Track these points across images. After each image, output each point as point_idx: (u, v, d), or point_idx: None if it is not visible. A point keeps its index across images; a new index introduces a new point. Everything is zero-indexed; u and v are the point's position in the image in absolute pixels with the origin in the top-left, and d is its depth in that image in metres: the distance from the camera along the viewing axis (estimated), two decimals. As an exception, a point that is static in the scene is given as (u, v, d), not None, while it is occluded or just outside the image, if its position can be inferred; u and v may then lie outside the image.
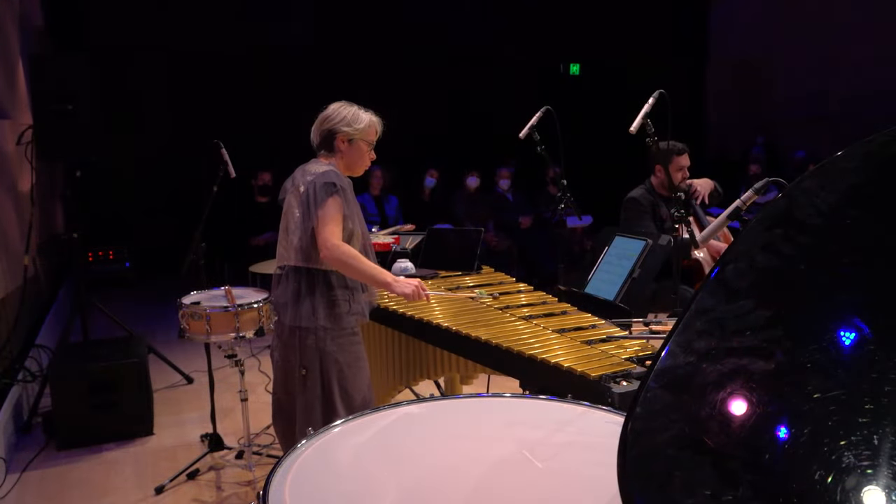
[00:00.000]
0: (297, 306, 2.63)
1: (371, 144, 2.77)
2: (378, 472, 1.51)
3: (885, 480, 0.92)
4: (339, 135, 2.72)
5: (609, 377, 2.10)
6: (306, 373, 2.64)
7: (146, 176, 7.96)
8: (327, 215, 2.55)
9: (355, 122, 2.72)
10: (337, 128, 2.72)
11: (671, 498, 0.96)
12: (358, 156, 2.76)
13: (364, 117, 2.74)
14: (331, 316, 2.63)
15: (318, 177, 2.59)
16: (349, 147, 2.72)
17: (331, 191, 2.55)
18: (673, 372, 1.08)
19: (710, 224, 2.69)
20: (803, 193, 1.18)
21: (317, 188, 2.56)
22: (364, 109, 2.79)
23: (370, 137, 2.77)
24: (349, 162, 2.76)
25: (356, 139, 2.72)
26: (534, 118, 3.53)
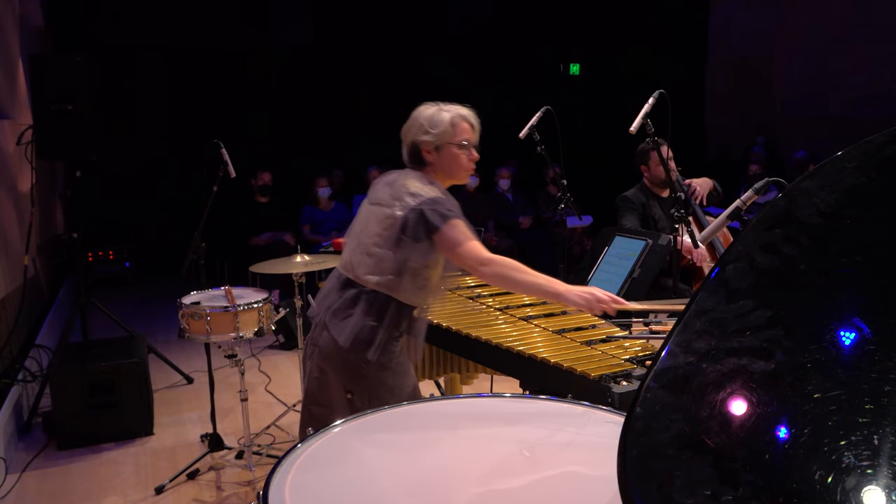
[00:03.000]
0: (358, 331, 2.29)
1: (465, 145, 2.37)
2: (378, 472, 1.51)
3: (885, 480, 0.92)
4: (422, 146, 2.36)
5: (609, 377, 2.10)
6: (352, 396, 2.34)
7: (146, 176, 7.96)
8: (457, 235, 2.22)
9: (434, 125, 2.35)
10: (417, 138, 2.37)
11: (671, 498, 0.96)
12: (452, 162, 2.37)
13: (444, 117, 2.36)
14: (389, 350, 2.33)
15: (427, 203, 2.23)
16: (438, 156, 2.36)
17: (448, 217, 2.22)
18: (673, 372, 1.08)
19: (709, 224, 2.69)
20: (803, 193, 1.18)
21: (427, 216, 2.21)
22: (447, 105, 2.43)
23: (460, 137, 2.36)
24: (445, 171, 2.39)
25: (442, 145, 2.35)
26: (534, 118, 3.53)
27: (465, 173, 2.42)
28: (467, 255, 2.21)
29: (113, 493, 3.35)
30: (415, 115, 2.42)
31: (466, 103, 2.42)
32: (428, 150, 2.35)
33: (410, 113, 2.40)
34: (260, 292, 3.45)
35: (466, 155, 2.38)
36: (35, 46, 6.46)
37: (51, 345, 4.75)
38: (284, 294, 6.02)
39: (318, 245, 5.89)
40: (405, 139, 2.41)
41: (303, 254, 3.75)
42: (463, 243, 2.21)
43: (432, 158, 2.36)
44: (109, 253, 7.60)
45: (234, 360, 3.22)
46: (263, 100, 8.28)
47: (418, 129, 2.36)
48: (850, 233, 1.14)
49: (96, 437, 3.83)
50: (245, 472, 3.41)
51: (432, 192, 2.28)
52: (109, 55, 7.44)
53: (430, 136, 2.34)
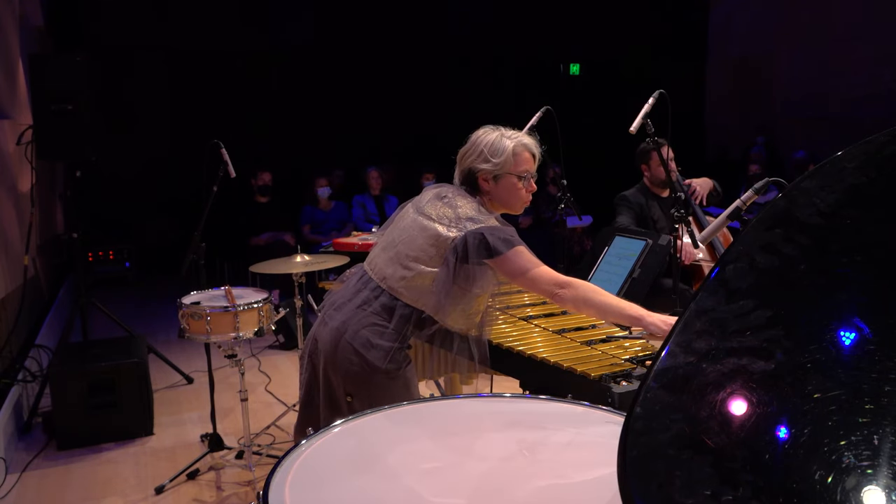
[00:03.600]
0: (375, 338, 2.22)
1: (524, 176, 2.27)
2: (378, 473, 1.51)
3: (885, 480, 0.92)
4: (479, 174, 2.26)
5: (609, 377, 2.10)
6: (352, 400, 2.24)
7: (146, 176, 7.96)
8: (524, 261, 2.16)
9: (494, 154, 2.24)
10: (476, 165, 2.26)
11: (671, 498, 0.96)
12: (509, 193, 2.28)
13: (505, 145, 2.25)
14: (399, 357, 2.25)
15: (488, 230, 2.16)
16: (495, 186, 2.27)
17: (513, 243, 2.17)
18: (673, 372, 1.08)
19: (709, 224, 2.69)
20: (803, 193, 1.18)
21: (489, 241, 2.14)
22: (509, 131, 2.31)
23: (521, 168, 2.26)
24: (501, 201, 2.30)
25: (502, 175, 2.25)
26: (534, 118, 3.53)
27: (522, 205, 2.33)
28: (541, 280, 2.15)
29: (113, 494, 3.35)
30: (474, 139, 2.30)
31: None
32: (486, 178, 2.26)
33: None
34: (260, 292, 3.45)
35: (525, 186, 2.29)
36: (35, 46, 6.46)
37: (51, 345, 4.75)
38: (284, 294, 6.02)
39: (318, 245, 5.89)
40: (461, 164, 2.32)
41: (303, 254, 3.75)
42: (533, 268, 2.16)
43: (489, 188, 2.27)
44: (109, 253, 7.61)
45: (234, 360, 3.22)
46: (263, 100, 8.28)
47: (477, 156, 2.26)
48: (850, 233, 1.14)
49: (96, 437, 3.83)
50: (245, 472, 3.41)
51: (489, 220, 2.22)
52: (109, 55, 7.45)
53: (490, 164, 2.24)
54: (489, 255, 2.14)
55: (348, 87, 8.61)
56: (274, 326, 3.51)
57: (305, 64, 8.51)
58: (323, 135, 8.41)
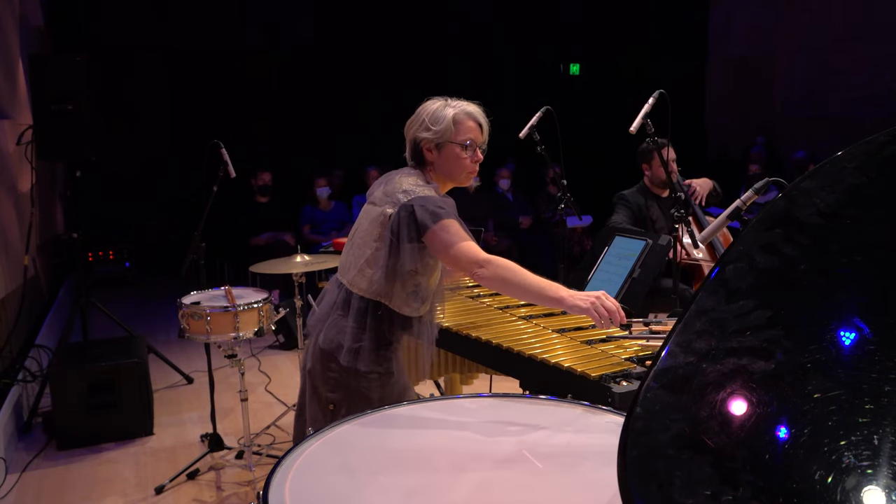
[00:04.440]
0: (343, 337, 2.16)
1: (467, 145, 2.18)
2: (378, 473, 1.51)
3: (885, 480, 0.92)
4: (422, 143, 2.19)
5: (609, 377, 2.10)
6: (334, 409, 2.18)
7: (146, 176, 7.96)
8: (448, 236, 2.04)
9: (435, 122, 2.17)
10: (418, 134, 2.20)
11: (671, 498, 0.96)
12: (452, 162, 2.19)
13: (447, 114, 2.18)
14: (378, 359, 2.17)
15: (417, 200, 2.07)
16: (439, 155, 2.19)
17: (439, 216, 2.05)
18: (673, 372, 1.08)
19: (709, 224, 2.69)
20: (803, 193, 1.18)
21: (417, 214, 2.05)
22: (454, 101, 2.23)
23: (463, 136, 2.18)
24: (445, 172, 2.22)
25: (444, 143, 2.17)
26: (534, 118, 3.53)
27: (467, 176, 2.23)
28: (461, 257, 2.04)
29: (113, 493, 3.35)
30: (419, 109, 2.24)
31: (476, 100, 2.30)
32: (429, 147, 2.19)
33: (410, 112, 2.34)
34: (260, 292, 3.45)
35: (469, 156, 2.19)
36: (35, 46, 6.46)
37: (51, 345, 4.75)
38: (284, 294, 6.02)
39: (318, 245, 5.89)
40: (407, 135, 2.25)
41: (303, 254, 3.75)
42: (455, 244, 2.03)
43: (433, 157, 2.20)
44: (109, 253, 7.61)
45: (234, 360, 3.22)
46: (263, 100, 8.28)
47: (420, 125, 2.20)
48: (850, 233, 1.14)
49: (96, 437, 3.83)
50: (245, 472, 3.41)
51: (425, 190, 2.13)
52: (109, 55, 7.45)
53: (431, 133, 2.17)
54: (417, 231, 2.05)
55: (348, 87, 8.61)
56: (274, 326, 3.51)
57: (305, 64, 8.51)
58: (323, 135, 8.41)
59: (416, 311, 2.20)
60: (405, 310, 2.18)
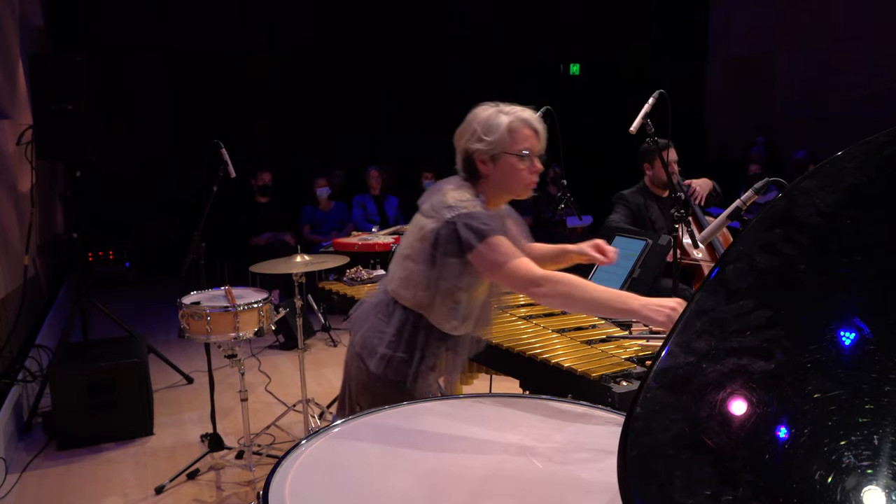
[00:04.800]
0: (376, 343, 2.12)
1: (525, 155, 2.03)
2: (378, 473, 1.51)
3: (885, 480, 0.92)
4: (475, 155, 2.04)
5: (609, 377, 2.10)
6: (360, 409, 2.17)
7: (146, 176, 7.97)
8: (497, 254, 1.92)
9: (489, 131, 2.02)
10: (470, 146, 2.05)
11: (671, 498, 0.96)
12: (509, 175, 2.04)
13: (501, 122, 2.02)
14: (409, 371, 2.11)
15: (462, 217, 1.95)
16: (494, 167, 2.04)
17: (485, 234, 1.93)
18: (673, 372, 1.08)
19: (709, 224, 2.69)
20: (803, 193, 1.18)
21: (460, 232, 1.94)
22: (507, 106, 2.07)
23: (520, 146, 2.02)
24: (502, 185, 2.07)
25: (499, 154, 2.02)
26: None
27: (526, 188, 2.07)
28: (514, 275, 1.91)
29: (113, 493, 3.35)
30: (469, 118, 2.09)
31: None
32: (482, 159, 2.03)
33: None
34: (260, 292, 3.45)
35: (527, 167, 2.04)
36: (35, 46, 6.46)
37: (51, 345, 4.75)
38: (284, 294, 6.02)
39: (318, 245, 5.89)
40: (457, 145, 2.10)
41: (303, 254, 3.75)
42: (506, 263, 1.91)
43: (487, 170, 2.04)
44: (109, 253, 7.62)
45: (234, 360, 3.22)
46: (263, 100, 8.28)
47: (471, 136, 2.04)
48: (850, 233, 1.14)
49: (96, 437, 3.83)
50: (245, 472, 3.41)
51: (470, 205, 1.99)
52: (109, 55, 7.45)
53: (485, 143, 2.01)
54: (460, 249, 1.95)
55: (348, 87, 8.61)
56: (274, 326, 3.51)
57: (305, 64, 8.51)
58: (323, 135, 8.41)
59: (455, 328, 2.12)
60: (444, 326, 2.11)
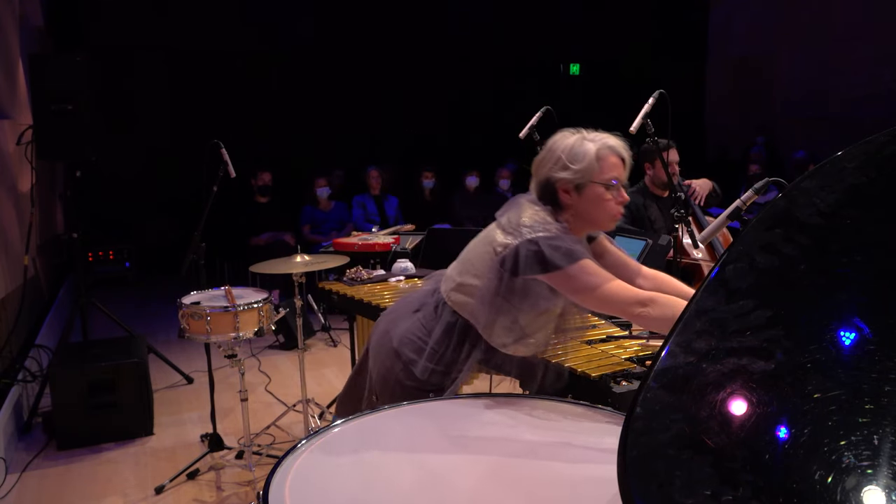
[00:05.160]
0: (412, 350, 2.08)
1: (612, 185, 1.94)
2: (378, 473, 1.51)
3: (885, 480, 0.92)
4: (558, 184, 1.95)
5: (609, 377, 2.10)
6: (377, 401, 2.17)
7: (146, 176, 7.97)
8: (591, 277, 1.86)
9: (575, 159, 1.93)
10: (554, 174, 1.95)
11: (671, 498, 0.96)
12: (595, 205, 1.95)
13: (587, 149, 1.93)
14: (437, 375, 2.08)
15: (545, 238, 1.88)
16: (579, 197, 1.95)
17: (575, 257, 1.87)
18: (673, 372, 1.08)
19: (709, 224, 2.69)
20: (803, 193, 1.18)
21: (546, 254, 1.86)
22: (591, 133, 1.98)
23: (608, 175, 1.94)
24: (585, 216, 1.98)
25: (586, 184, 1.94)
26: (534, 118, 3.53)
27: (612, 219, 1.99)
28: (614, 297, 1.86)
29: (113, 493, 3.35)
30: (551, 144, 1.99)
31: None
32: (566, 188, 1.94)
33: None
34: (260, 292, 3.45)
35: (614, 197, 1.96)
36: (35, 46, 6.46)
37: (51, 345, 4.75)
38: (284, 294, 6.02)
39: (318, 245, 5.89)
40: (537, 174, 2.00)
41: (303, 254, 3.75)
42: (601, 285, 1.85)
43: (571, 200, 1.95)
44: (109, 253, 7.62)
45: (234, 360, 3.22)
46: (263, 100, 8.28)
47: (555, 163, 1.95)
48: (850, 233, 1.14)
49: (96, 437, 3.83)
50: (245, 472, 3.41)
51: (554, 229, 1.91)
52: (109, 55, 7.45)
53: (571, 172, 1.92)
54: (543, 270, 1.87)
55: (348, 87, 8.62)
56: (274, 326, 3.51)
57: (305, 64, 8.51)
58: (323, 135, 8.41)
59: (503, 346, 2.05)
60: (494, 340, 2.04)
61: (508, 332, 2.00)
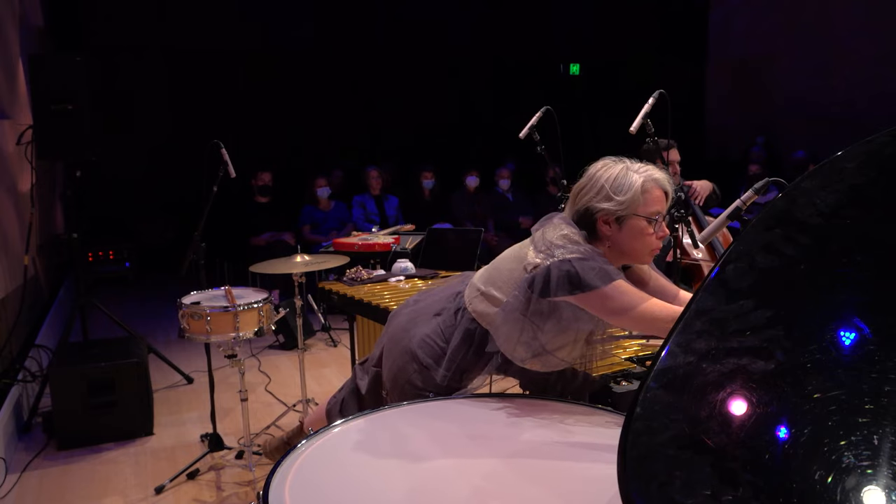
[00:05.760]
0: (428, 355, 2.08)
1: (655, 220, 1.90)
2: (378, 473, 1.51)
3: (885, 480, 0.92)
4: (598, 215, 1.90)
5: (609, 377, 2.10)
6: (386, 396, 2.18)
7: (146, 176, 7.97)
8: (627, 298, 1.83)
9: (619, 191, 1.88)
10: (595, 205, 1.90)
11: (671, 498, 0.96)
12: (636, 238, 1.91)
13: (633, 180, 1.88)
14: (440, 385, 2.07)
15: (579, 260, 1.84)
16: (619, 230, 1.90)
17: (611, 277, 1.83)
18: (673, 372, 1.08)
19: (709, 224, 2.69)
20: (803, 193, 1.18)
21: (581, 274, 1.82)
22: (635, 164, 1.94)
23: (652, 208, 1.89)
24: (623, 249, 1.93)
25: (628, 216, 1.89)
26: (534, 118, 3.53)
27: (650, 254, 1.95)
28: (653, 316, 1.82)
29: (113, 493, 3.35)
30: (592, 173, 1.95)
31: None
32: (607, 220, 1.89)
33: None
34: (260, 292, 3.45)
35: (656, 231, 1.91)
36: (35, 46, 6.46)
37: (51, 345, 4.75)
38: (284, 294, 6.02)
39: (318, 245, 5.89)
40: (575, 202, 1.95)
41: (303, 254, 3.75)
42: (637, 305, 1.82)
43: (610, 232, 1.91)
44: (109, 253, 7.61)
45: (234, 360, 3.22)
46: (263, 100, 8.29)
47: (597, 193, 1.89)
48: (850, 233, 1.14)
49: (96, 437, 3.83)
50: (245, 472, 3.41)
51: (585, 251, 1.87)
52: (109, 55, 7.46)
53: (614, 203, 1.87)
54: (575, 290, 1.82)
55: (348, 87, 8.62)
56: (274, 326, 3.50)
57: (305, 64, 8.52)
58: (323, 135, 8.42)
59: (521, 360, 2.02)
60: (510, 352, 2.00)
61: (527, 348, 1.97)
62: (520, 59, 9.46)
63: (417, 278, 3.73)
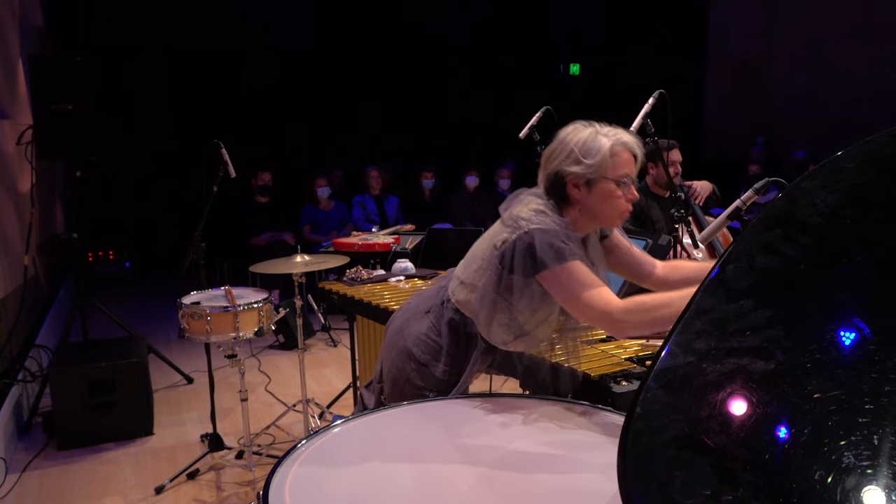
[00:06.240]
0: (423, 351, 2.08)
1: (623, 181, 1.89)
2: (378, 473, 1.51)
3: (885, 480, 0.92)
4: (568, 178, 1.90)
5: (609, 377, 2.10)
6: (385, 399, 2.17)
7: (146, 176, 7.97)
8: (573, 282, 1.80)
9: (588, 154, 1.87)
10: (564, 168, 1.90)
11: (671, 498, 0.96)
12: (605, 201, 1.90)
13: (601, 144, 1.87)
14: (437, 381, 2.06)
15: (540, 232, 1.83)
16: (588, 193, 1.89)
17: (564, 257, 1.81)
18: (673, 372, 1.08)
19: (709, 224, 2.68)
20: (803, 193, 1.18)
21: (537, 250, 1.81)
22: (605, 127, 1.92)
23: (620, 171, 1.88)
24: (593, 212, 1.93)
25: (597, 179, 1.88)
26: (534, 118, 3.53)
27: (620, 216, 1.94)
28: (591, 307, 1.79)
29: (113, 493, 3.35)
30: (562, 136, 1.93)
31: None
32: (576, 183, 1.89)
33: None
34: (260, 292, 3.45)
35: (625, 194, 1.90)
36: (35, 46, 6.46)
37: (51, 345, 4.75)
38: (284, 294, 6.02)
39: (318, 245, 5.89)
40: (546, 167, 1.96)
41: (303, 254, 3.75)
42: (582, 293, 1.79)
43: (579, 195, 1.90)
44: (109, 253, 7.61)
45: (234, 360, 3.22)
46: (263, 100, 8.29)
47: (566, 157, 1.89)
48: (850, 233, 1.14)
49: (96, 437, 3.83)
50: (245, 472, 3.41)
51: (549, 221, 1.86)
52: (109, 55, 7.46)
53: (583, 166, 1.87)
54: (534, 270, 1.82)
55: (348, 88, 8.62)
56: (274, 326, 3.51)
57: (305, 64, 8.52)
58: (323, 135, 8.42)
59: (503, 343, 2.01)
60: (492, 338, 2.00)
61: (507, 330, 1.97)
62: (520, 59, 9.46)
63: (417, 278, 3.73)
